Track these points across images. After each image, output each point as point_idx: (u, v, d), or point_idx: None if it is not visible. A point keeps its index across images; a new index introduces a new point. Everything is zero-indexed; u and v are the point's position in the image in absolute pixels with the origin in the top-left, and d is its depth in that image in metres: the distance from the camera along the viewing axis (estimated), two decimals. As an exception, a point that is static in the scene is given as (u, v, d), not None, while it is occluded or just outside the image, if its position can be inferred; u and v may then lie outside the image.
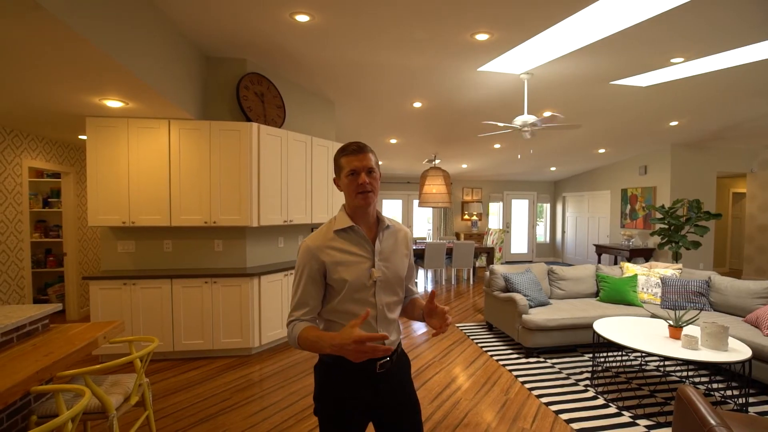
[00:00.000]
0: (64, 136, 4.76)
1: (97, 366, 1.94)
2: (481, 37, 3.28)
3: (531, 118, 4.15)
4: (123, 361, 2.05)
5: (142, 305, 3.66)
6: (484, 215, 11.05)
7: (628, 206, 8.61)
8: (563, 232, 11.15)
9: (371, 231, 1.39)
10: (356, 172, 1.30)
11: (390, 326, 1.38)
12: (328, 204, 4.81)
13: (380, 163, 8.90)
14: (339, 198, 4.95)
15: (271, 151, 4.07)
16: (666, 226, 6.65)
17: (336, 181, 1.38)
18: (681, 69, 4.02)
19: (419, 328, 4.87)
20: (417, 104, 5.19)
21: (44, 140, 4.80)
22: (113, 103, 3.28)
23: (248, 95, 4.03)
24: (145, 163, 3.76)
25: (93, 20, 2.20)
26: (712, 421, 1.78)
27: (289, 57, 3.89)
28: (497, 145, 7.34)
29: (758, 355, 3.07)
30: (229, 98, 4.07)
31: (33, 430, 1.41)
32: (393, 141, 7.14)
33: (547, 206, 11.64)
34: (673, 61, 3.79)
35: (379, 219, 1.41)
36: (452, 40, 3.37)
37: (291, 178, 4.32)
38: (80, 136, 4.69)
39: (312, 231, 1.44)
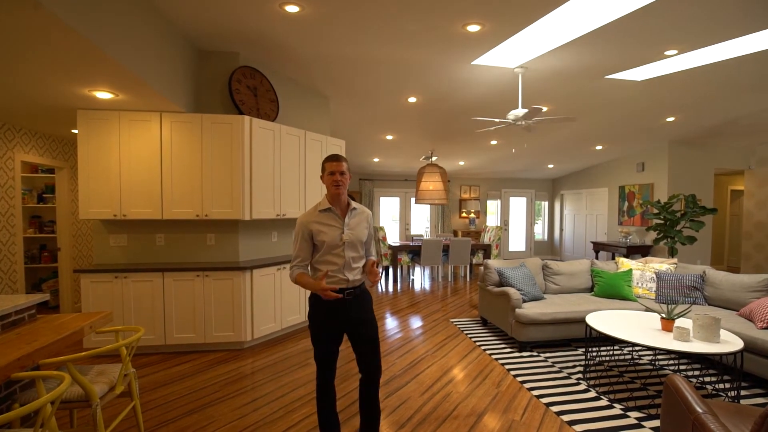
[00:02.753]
0: (58, 130, 4.76)
1: (81, 354, 1.93)
2: (473, 28, 3.27)
3: (523, 112, 4.13)
4: (107, 348, 2.04)
5: (133, 299, 3.65)
6: (482, 213, 11.03)
7: (626, 203, 8.59)
8: (561, 229, 11.13)
9: (343, 211, 2.14)
10: (333, 173, 2.08)
11: (353, 271, 2.11)
12: (321, 198, 4.79)
13: (376, 160, 8.93)
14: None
15: (263, 145, 4.06)
16: (662, 222, 6.63)
17: (321, 178, 2.16)
18: (676, 62, 4.00)
19: (414, 322, 4.86)
20: (412, 99, 5.18)
21: (37, 135, 4.79)
22: (103, 95, 3.26)
23: (240, 89, 4.02)
24: (137, 156, 3.75)
25: (81, 10, 2.20)
26: (699, 409, 1.77)
27: (282, 50, 3.87)
28: (494, 142, 7.33)
29: (751, 348, 3.06)
30: (221, 92, 4.06)
31: (12, 411, 1.40)
32: (389, 137, 7.13)
33: (545, 204, 11.63)
34: (667, 53, 3.77)
35: (349, 203, 2.16)
36: (444, 31, 3.36)
37: (284, 172, 4.31)
38: (73, 131, 4.68)
39: None
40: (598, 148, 7.97)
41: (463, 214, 10.85)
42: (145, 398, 2.87)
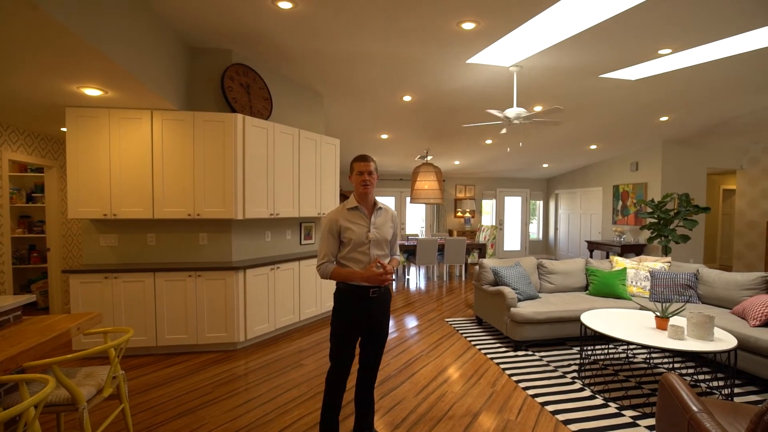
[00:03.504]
0: (46, 128, 4.67)
1: (68, 356, 1.88)
2: (468, 25, 3.25)
3: (518, 111, 4.12)
4: (94, 350, 1.99)
5: (124, 299, 3.59)
6: (477, 212, 11.04)
7: (620, 203, 8.64)
8: (556, 229, 11.17)
9: (370, 210, 2.22)
10: (362, 173, 2.14)
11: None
12: (316, 198, 4.76)
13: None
14: (327, 193, 4.93)
15: (256, 143, 4.01)
16: (656, 220, 6.67)
17: (350, 178, 2.21)
18: (670, 61, 4.01)
19: (409, 322, 4.83)
20: (407, 98, 5.15)
21: (25, 133, 4.70)
22: (92, 92, 3.20)
23: (233, 86, 3.97)
24: (127, 154, 3.69)
25: (78, 10, 2.16)
26: (694, 408, 1.76)
27: (275, 48, 3.83)
28: (489, 141, 7.32)
29: (744, 346, 3.06)
30: (214, 89, 4.00)
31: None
32: (384, 136, 7.10)
33: (540, 203, 11.66)
34: (661, 52, 3.78)
35: (375, 203, 2.25)
36: (439, 29, 3.33)
37: (278, 171, 4.26)
38: (63, 129, 4.59)
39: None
40: (593, 147, 8.00)
41: (459, 214, 10.86)
42: (135, 401, 2.82)
